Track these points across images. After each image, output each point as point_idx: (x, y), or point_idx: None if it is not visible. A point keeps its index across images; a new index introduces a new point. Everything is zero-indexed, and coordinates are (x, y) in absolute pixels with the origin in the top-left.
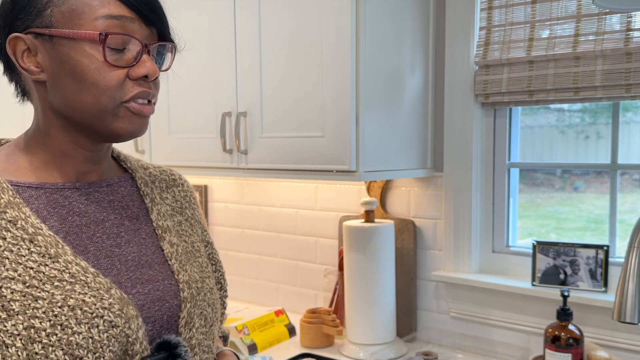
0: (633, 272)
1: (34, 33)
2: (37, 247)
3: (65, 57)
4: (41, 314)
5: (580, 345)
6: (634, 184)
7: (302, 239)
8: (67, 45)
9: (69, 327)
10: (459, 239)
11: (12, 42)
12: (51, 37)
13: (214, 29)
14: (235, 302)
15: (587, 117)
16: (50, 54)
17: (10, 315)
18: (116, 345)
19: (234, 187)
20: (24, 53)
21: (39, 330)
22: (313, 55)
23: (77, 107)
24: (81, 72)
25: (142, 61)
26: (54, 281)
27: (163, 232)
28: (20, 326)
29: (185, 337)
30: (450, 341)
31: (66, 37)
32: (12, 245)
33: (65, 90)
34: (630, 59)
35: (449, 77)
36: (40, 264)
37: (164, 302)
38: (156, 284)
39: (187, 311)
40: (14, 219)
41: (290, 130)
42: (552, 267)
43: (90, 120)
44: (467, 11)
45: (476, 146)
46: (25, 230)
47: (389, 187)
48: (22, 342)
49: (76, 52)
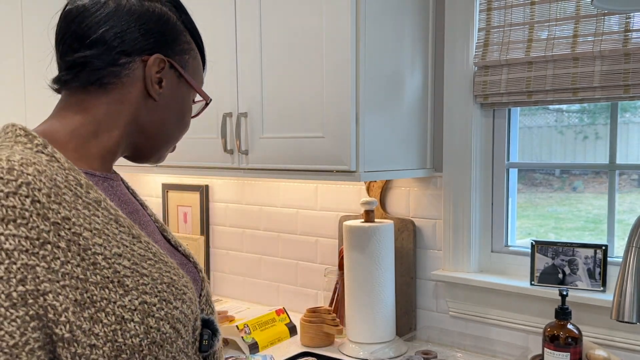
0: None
1: (170, 63)
2: (122, 227)
3: (181, 96)
4: (149, 290)
5: (579, 345)
6: (632, 184)
7: (303, 239)
8: (185, 88)
9: (170, 302)
10: (459, 238)
11: (156, 59)
12: (181, 75)
13: (214, 30)
14: (236, 301)
15: (586, 117)
16: (173, 86)
17: (126, 291)
18: (192, 320)
19: (234, 187)
20: (157, 72)
21: (150, 305)
22: (313, 56)
23: (163, 133)
24: (185, 113)
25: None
26: (145, 259)
27: (162, 226)
28: (136, 301)
29: (207, 312)
30: (449, 340)
31: (190, 84)
32: (105, 224)
33: (167, 117)
34: (628, 59)
35: (448, 78)
36: (130, 243)
37: (196, 282)
38: (187, 267)
39: (206, 290)
40: (97, 199)
41: (291, 131)
42: (550, 267)
43: (159, 144)
44: (467, 12)
45: (475, 146)
46: (109, 210)
47: (388, 187)
48: (139, 316)
49: (189, 98)
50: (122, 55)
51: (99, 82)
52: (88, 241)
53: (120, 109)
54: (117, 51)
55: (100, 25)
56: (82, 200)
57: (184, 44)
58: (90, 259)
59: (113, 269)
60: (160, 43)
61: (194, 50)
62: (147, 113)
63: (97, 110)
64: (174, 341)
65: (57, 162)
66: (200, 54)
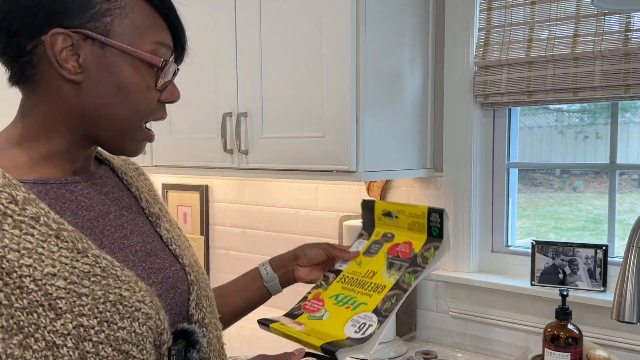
0: (632, 272)
1: (83, 34)
2: (64, 243)
3: (115, 68)
4: (87, 311)
5: (579, 345)
6: (633, 184)
7: (303, 239)
8: (121, 57)
9: (114, 322)
10: (459, 238)
11: (55, 36)
12: (104, 44)
13: (214, 29)
14: None
15: (586, 117)
16: (98, 60)
17: (58, 315)
18: (152, 336)
19: (234, 187)
20: (64, 50)
21: (88, 328)
22: (313, 56)
23: (106, 117)
24: (128, 86)
25: (173, 86)
26: (89, 276)
27: (156, 219)
28: (70, 325)
29: (197, 318)
30: (449, 340)
31: (124, 51)
32: (41, 241)
33: (102, 98)
34: (629, 59)
35: (448, 78)
36: (72, 259)
37: (176, 289)
38: (166, 272)
39: (196, 293)
40: (35, 215)
41: (291, 131)
42: (551, 267)
43: (111, 131)
44: (467, 12)
45: (475, 146)
46: (49, 226)
47: (388, 187)
48: (73, 341)
49: (128, 67)
50: (26, 40)
51: (24, 77)
52: (13, 263)
53: (53, 102)
54: (20, 37)
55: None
56: (12, 219)
57: (98, 6)
58: (16, 283)
59: (43, 291)
60: (61, 14)
61: (122, 7)
62: (77, 99)
63: (36, 109)
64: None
65: None
66: (150, 3)
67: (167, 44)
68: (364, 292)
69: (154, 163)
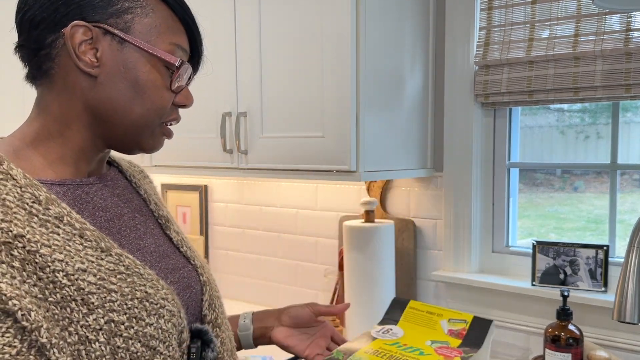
0: (633, 272)
1: (104, 29)
2: (88, 242)
3: (132, 64)
4: (117, 307)
5: (580, 345)
6: (634, 184)
7: (302, 239)
8: (139, 54)
9: (141, 319)
10: (459, 238)
11: (75, 28)
12: (123, 40)
13: (214, 29)
14: (235, 302)
15: (587, 117)
16: (116, 55)
17: (90, 310)
18: (175, 333)
19: (234, 187)
20: (83, 43)
21: (118, 324)
22: (313, 55)
23: (121, 113)
24: (144, 84)
25: (187, 91)
26: (115, 274)
27: (166, 222)
28: (102, 320)
29: (210, 318)
30: None
31: (143, 48)
32: (67, 240)
33: (118, 93)
34: (630, 59)
35: (448, 77)
36: (97, 257)
37: (191, 288)
38: (181, 272)
39: (209, 294)
40: (59, 214)
41: (291, 131)
42: (552, 267)
43: (126, 128)
44: (467, 11)
45: (476, 146)
46: (73, 225)
47: (389, 187)
48: (105, 336)
49: (145, 65)
50: (47, 33)
51: (41, 71)
52: (46, 258)
53: (69, 98)
54: (41, 29)
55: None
56: (38, 218)
57: (122, 2)
58: (49, 277)
59: (76, 285)
60: (83, 8)
61: (143, 7)
62: (93, 94)
63: (52, 106)
64: (149, 359)
65: (12, 180)
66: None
67: (184, 48)
68: None
69: (153, 163)
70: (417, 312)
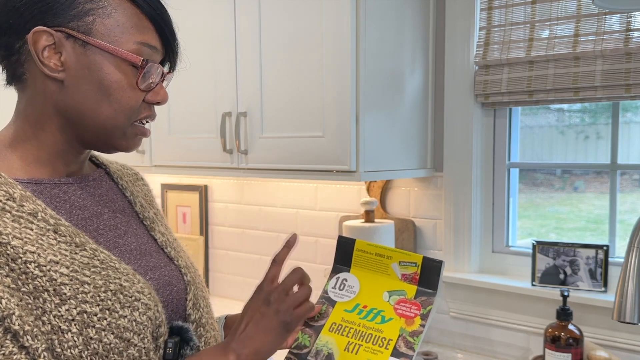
0: (633, 272)
1: (66, 33)
2: (62, 237)
3: (96, 66)
4: (90, 299)
5: (580, 345)
6: (634, 184)
7: (302, 239)
8: (102, 56)
9: (115, 311)
10: (459, 238)
11: (37, 34)
12: (86, 43)
13: (214, 29)
14: (235, 302)
15: (587, 117)
16: (80, 58)
17: (63, 300)
18: (151, 327)
19: (234, 187)
20: (46, 48)
21: (91, 315)
22: (313, 55)
23: (90, 115)
24: (109, 85)
25: (160, 88)
26: (89, 267)
27: (151, 223)
28: (74, 311)
29: (195, 317)
30: (450, 341)
31: (105, 50)
32: (40, 235)
33: (84, 96)
34: (630, 59)
35: (448, 77)
36: (71, 252)
37: (172, 286)
38: (161, 270)
39: (193, 293)
40: (32, 211)
41: (290, 131)
42: (552, 267)
43: (97, 130)
44: (467, 11)
45: (476, 146)
46: (47, 221)
47: (389, 187)
48: (77, 327)
49: (109, 66)
50: (14, 40)
51: (16, 77)
52: (18, 250)
53: (41, 102)
54: (9, 35)
55: None
56: (11, 214)
57: (80, 5)
58: (21, 268)
59: (48, 276)
60: (45, 13)
61: (104, 7)
62: (62, 98)
63: (27, 109)
64: (123, 350)
65: None
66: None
67: (152, 45)
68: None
69: (153, 163)
70: (366, 254)
